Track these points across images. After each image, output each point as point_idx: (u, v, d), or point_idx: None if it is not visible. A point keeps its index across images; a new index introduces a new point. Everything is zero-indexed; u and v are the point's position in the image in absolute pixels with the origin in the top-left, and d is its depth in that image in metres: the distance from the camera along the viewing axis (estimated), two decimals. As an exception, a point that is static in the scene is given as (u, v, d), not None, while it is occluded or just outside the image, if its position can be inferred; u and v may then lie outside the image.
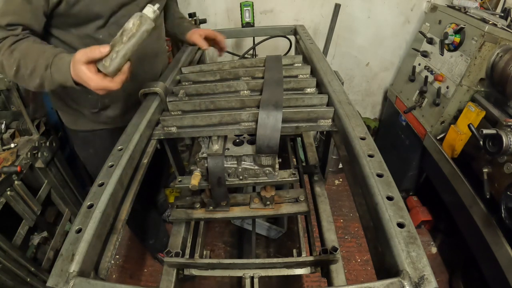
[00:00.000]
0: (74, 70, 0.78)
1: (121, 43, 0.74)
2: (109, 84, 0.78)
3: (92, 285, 0.49)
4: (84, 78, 0.76)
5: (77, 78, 0.79)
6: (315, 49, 1.26)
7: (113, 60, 0.75)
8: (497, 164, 1.26)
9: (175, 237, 1.06)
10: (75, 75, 0.78)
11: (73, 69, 0.78)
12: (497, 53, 1.49)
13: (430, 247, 2.09)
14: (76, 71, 0.77)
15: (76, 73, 0.78)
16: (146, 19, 0.75)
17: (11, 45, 0.85)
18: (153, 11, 0.76)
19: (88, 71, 0.76)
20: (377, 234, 0.56)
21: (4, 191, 1.32)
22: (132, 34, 0.74)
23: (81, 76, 0.77)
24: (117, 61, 0.75)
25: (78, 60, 0.76)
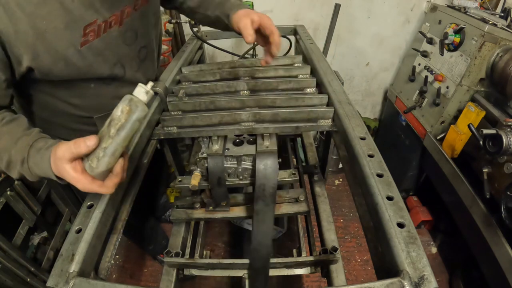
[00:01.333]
0: (56, 167, 0.63)
1: (109, 137, 0.57)
2: (100, 189, 0.61)
3: (92, 285, 0.49)
4: (69, 179, 0.61)
5: (60, 175, 0.64)
6: (315, 49, 1.26)
7: (100, 159, 0.58)
8: (497, 164, 1.26)
9: (175, 237, 1.06)
10: (57, 172, 0.63)
11: (55, 166, 0.63)
12: (497, 53, 1.49)
13: (430, 247, 2.09)
14: (58, 169, 0.62)
15: (59, 171, 0.62)
16: (137, 104, 0.58)
17: None
18: (146, 92, 0.59)
19: (73, 170, 0.59)
20: (377, 234, 0.56)
21: (4, 191, 1.32)
22: (121, 125, 0.57)
23: (65, 176, 0.61)
24: (106, 160, 0.58)
25: (61, 157, 0.60)
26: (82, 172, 0.60)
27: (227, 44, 2.24)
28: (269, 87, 1.05)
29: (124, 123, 0.57)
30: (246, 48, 1.92)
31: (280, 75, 1.13)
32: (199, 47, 1.63)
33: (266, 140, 0.89)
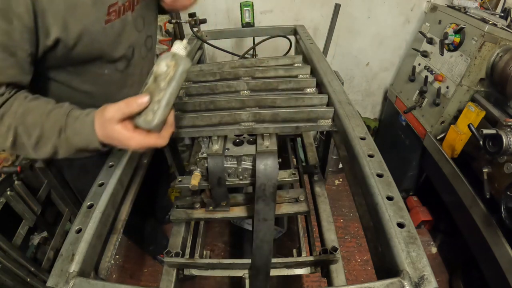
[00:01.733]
0: (104, 130, 0.64)
1: (160, 90, 0.61)
2: (157, 141, 0.64)
3: (92, 285, 0.49)
4: (121, 139, 0.62)
5: (108, 139, 0.65)
6: (315, 49, 1.26)
7: (156, 112, 0.60)
8: (497, 164, 1.26)
9: (175, 237, 1.06)
10: (105, 136, 0.64)
11: (102, 130, 0.64)
12: (497, 53, 1.49)
13: (430, 247, 2.09)
14: (107, 132, 0.63)
15: (108, 134, 0.63)
16: (181, 58, 0.63)
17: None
18: (184, 47, 0.65)
19: (126, 130, 0.61)
20: (377, 234, 0.56)
21: (4, 191, 1.32)
22: (171, 78, 0.61)
23: (115, 137, 0.63)
24: (161, 112, 0.61)
25: (111, 118, 0.61)
26: (134, 129, 0.62)
27: (227, 44, 2.24)
28: (269, 87, 1.05)
29: (173, 76, 0.61)
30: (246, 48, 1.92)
31: (280, 75, 1.13)
32: (199, 47, 1.63)
33: (266, 140, 0.89)
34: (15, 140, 0.70)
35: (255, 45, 1.64)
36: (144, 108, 0.61)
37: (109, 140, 0.65)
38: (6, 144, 0.70)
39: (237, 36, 2.02)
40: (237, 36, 2.02)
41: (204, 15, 2.00)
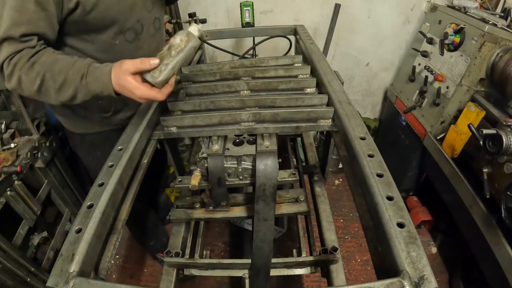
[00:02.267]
0: (118, 79, 0.77)
1: (170, 56, 0.76)
2: (157, 95, 0.78)
3: (92, 285, 0.49)
4: (129, 87, 0.76)
5: (119, 87, 0.79)
6: (315, 49, 1.26)
7: (162, 71, 0.76)
8: (497, 164, 1.26)
9: (175, 237, 1.06)
10: (118, 84, 0.78)
11: (117, 78, 0.77)
12: (497, 53, 1.49)
13: (430, 247, 2.09)
14: (121, 80, 0.77)
15: (120, 82, 0.77)
16: (193, 37, 0.79)
17: (29, 58, 0.81)
18: (198, 30, 0.81)
19: (135, 81, 0.76)
20: (377, 234, 0.56)
21: (4, 191, 1.32)
22: (181, 49, 0.77)
23: (125, 85, 0.77)
24: (166, 73, 0.76)
25: (126, 69, 0.76)
26: (141, 82, 0.77)
27: (227, 44, 2.24)
28: (269, 87, 1.05)
29: (183, 48, 0.77)
30: (246, 48, 1.93)
31: (280, 75, 1.13)
32: (199, 47, 1.63)
33: (266, 140, 0.89)
34: (41, 85, 0.81)
35: (255, 45, 1.64)
36: (154, 68, 0.75)
37: (120, 88, 0.79)
38: (33, 88, 0.82)
39: (237, 36, 2.02)
40: (237, 36, 2.02)
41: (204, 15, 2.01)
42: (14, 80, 0.82)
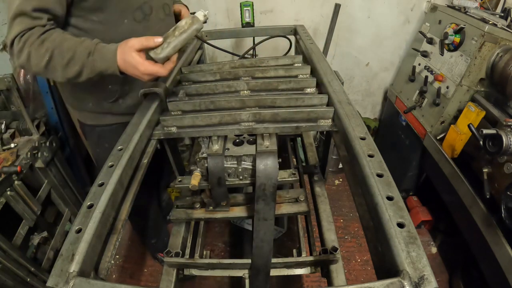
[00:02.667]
0: (123, 55, 0.84)
1: (173, 36, 0.84)
2: (160, 70, 0.85)
3: (92, 285, 0.49)
4: (134, 63, 0.83)
5: (124, 64, 0.85)
6: (315, 49, 1.26)
7: (164, 49, 0.84)
8: (497, 164, 1.26)
9: (175, 237, 1.06)
10: (123, 60, 0.85)
11: (122, 55, 0.84)
12: (497, 53, 1.49)
13: (430, 247, 2.09)
14: (125, 57, 0.84)
15: (125, 59, 0.84)
16: (198, 20, 0.86)
17: (39, 35, 0.86)
18: (204, 15, 0.87)
19: (139, 57, 0.83)
20: (377, 234, 0.56)
21: (4, 191, 1.32)
22: (184, 30, 0.85)
23: (130, 61, 0.84)
24: (168, 50, 0.84)
25: (131, 46, 0.83)
26: (145, 59, 0.84)
27: (227, 44, 2.24)
28: (269, 87, 1.05)
29: (186, 29, 0.85)
30: (246, 48, 1.93)
31: (280, 75, 1.13)
32: (199, 47, 1.63)
33: (266, 140, 0.89)
34: (49, 61, 0.86)
35: (255, 45, 1.64)
36: (158, 46, 0.83)
37: (125, 64, 0.85)
38: (42, 63, 0.86)
39: (237, 36, 2.02)
40: (237, 36, 2.02)
41: (204, 15, 2.00)
42: (24, 55, 0.86)
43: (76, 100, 1.24)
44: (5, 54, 1.83)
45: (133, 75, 0.88)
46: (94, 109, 1.23)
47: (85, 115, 1.29)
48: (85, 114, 1.28)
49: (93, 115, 1.27)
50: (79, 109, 1.28)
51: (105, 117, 1.26)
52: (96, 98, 1.19)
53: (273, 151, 0.84)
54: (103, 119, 1.27)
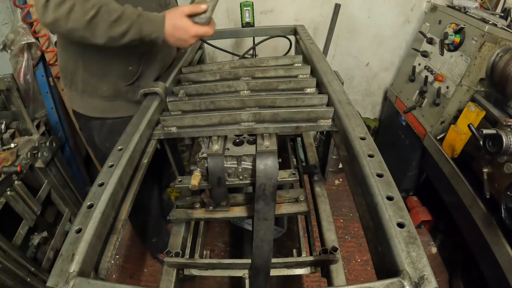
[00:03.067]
0: (173, 21, 0.94)
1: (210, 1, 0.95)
2: (209, 30, 0.98)
3: (92, 285, 0.49)
4: (186, 27, 0.95)
5: (173, 28, 0.94)
6: (315, 49, 1.26)
7: (207, 13, 0.96)
8: (497, 164, 1.26)
9: (175, 237, 1.06)
10: (172, 25, 0.94)
11: (172, 20, 0.93)
12: (497, 53, 1.49)
13: (430, 247, 2.09)
14: (175, 22, 0.94)
15: (175, 23, 0.94)
16: None
17: None
18: None
19: (189, 21, 0.95)
20: (377, 234, 0.56)
21: (4, 191, 1.32)
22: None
23: (181, 25, 0.94)
24: (209, 12, 0.97)
25: (182, 11, 0.94)
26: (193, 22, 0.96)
27: (227, 44, 2.24)
28: (269, 87, 1.05)
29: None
30: (246, 48, 1.92)
31: (280, 75, 1.13)
32: (199, 47, 1.63)
33: (266, 140, 0.89)
34: (94, 16, 0.87)
35: (255, 45, 1.64)
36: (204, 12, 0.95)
37: (174, 29, 0.94)
38: (85, 18, 0.86)
39: (237, 36, 2.01)
40: (237, 36, 2.01)
41: (204, 15, 2.00)
42: (65, 8, 0.85)
43: (89, 86, 1.17)
44: (5, 54, 1.84)
45: (180, 39, 0.97)
46: (108, 95, 1.19)
47: (96, 105, 1.22)
48: (95, 104, 1.22)
49: (105, 105, 1.22)
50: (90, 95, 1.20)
51: (117, 107, 1.22)
52: (113, 79, 1.17)
53: (273, 151, 0.84)
54: (115, 110, 1.23)
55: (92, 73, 1.15)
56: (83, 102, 1.24)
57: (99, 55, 1.10)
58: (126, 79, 1.18)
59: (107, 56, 1.10)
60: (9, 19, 1.89)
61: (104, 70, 1.14)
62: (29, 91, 1.88)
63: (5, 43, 1.80)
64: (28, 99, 1.88)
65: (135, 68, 1.17)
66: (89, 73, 1.15)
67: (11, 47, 1.79)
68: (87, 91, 1.20)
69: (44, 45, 1.81)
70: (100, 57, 1.11)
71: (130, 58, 1.13)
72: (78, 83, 1.19)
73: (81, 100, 1.24)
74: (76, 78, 1.18)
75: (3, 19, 1.88)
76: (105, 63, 1.12)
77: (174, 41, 0.97)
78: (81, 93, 1.21)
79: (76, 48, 1.11)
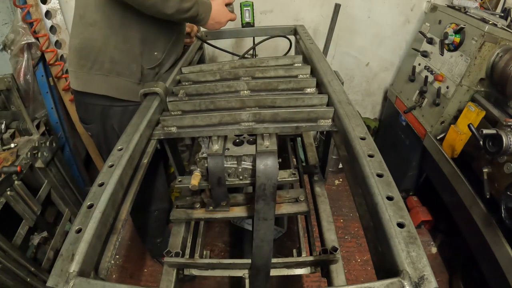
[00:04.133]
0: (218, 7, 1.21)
1: None
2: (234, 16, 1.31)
3: (92, 285, 0.49)
4: (225, 12, 1.25)
5: (217, 13, 1.21)
6: (315, 49, 1.26)
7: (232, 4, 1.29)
8: (497, 164, 1.26)
9: (175, 237, 1.06)
10: (217, 11, 1.20)
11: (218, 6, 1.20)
12: (497, 53, 1.49)
13: (430, 247, 2.09)
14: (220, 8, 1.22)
15: (219, 9, 1.21)
16: None
17: None
18: None
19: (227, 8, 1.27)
20: (377, 234, 0.56)
21: (4, 191, 1.32)
22: None
23: (223, 11, 1.24)
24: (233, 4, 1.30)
25: (223, 1, 1.23)
26: None
27: (227, 44, 2.24)
28: (269, 87, 1.05)
29: None
30: (246, 48, 1.92)
31: (280, 75, 1.13)
32: (199, 47, 1.63)
33: (266, 140, 0.89)
34: None
35: (255, 45, 1.64)
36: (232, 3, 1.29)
37: (218, 13, 1.21)
38: None
39: (237, 36, 2.01)
40: (237, 36, 2.01)
41: (204, 15, 1.99)
42: None
43: (119, 63, 1.16)
44: (5, 54, 1.84)
45: (219, 21, 1.23)
46: (135, 76, 1.20)
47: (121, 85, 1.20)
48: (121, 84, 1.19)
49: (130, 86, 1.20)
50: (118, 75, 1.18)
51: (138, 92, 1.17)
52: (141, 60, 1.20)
53: (273, 151, 0.84)
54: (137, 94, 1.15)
55: (123, 53, 1.15)
56: (107, 83, 1.19)
57: (134, 35, 1.15)
58: (151, 62, 1.22)
59: (141, 38, 1.16)
60: (9, 19, 1.89)
61: (135, 51, 1.17)
62: (29, 91, 1.88)
63: (5, 43, 1.80)
64: (28, 99, 1.88)
65: (160, 54, 1.23)
66: (120, 52, 1.15)
67: (11, 47, 1.79)
68: (115, 70, 1.17)
69: (44, 45, 1.82)
70: (133, 38, 1.15)
71: (157, 43, 1.22)
72: (105, 62, 1.15)
73: (104, 81, 1.19)
74: (103, 56, 1.15)
75: (3, 19, 1.88)
76: (138, 44, 1.17)
77: (213, 23, 1.21)
78: (107, 72, 1.17)
79: (111, 24, 1.11)
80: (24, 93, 1.83)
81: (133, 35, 1.14)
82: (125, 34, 1.13)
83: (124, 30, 1.12)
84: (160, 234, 1.87)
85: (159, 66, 1.25)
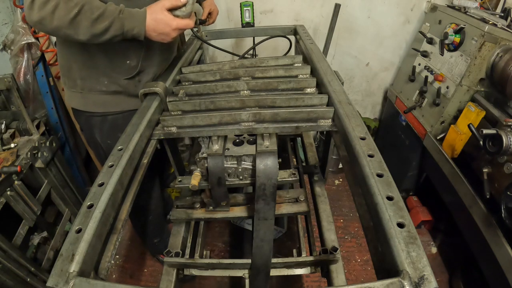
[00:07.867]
0: (154, 15, 0.94)
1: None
2: (190, 22, 1.00)
3: (92, 285, 0.49)
4: (167, 20, 0.95)
5: (154, 23, 0.95)
6: (315, 49, 1.26)
7: (187, 6, 0.98)
8: (497, 164, 1.26)
9: (175, 237, 1.06)
10: (153, 19, 0.95)
11: (153, 15, 0.94)
12: (497, 53, 1.49)
13: (430, 247, 2.09)
14: (157, 16, 0.94)
15: (156, 18, 0.94)
16: None
17: None
18: None
19: (169, 14, 0.96)
20: (377, 234, 0.56)
21: (4, 191, 1.32)
22: None
23: (162, 19, 0.95)
24: (190, 7, 0.99)
25: (162, 6, 0.95)
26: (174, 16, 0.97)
27: (227, 44, 2.24)
28: (269, 87, 1.05)
29: None
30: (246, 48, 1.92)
31: (280, 75, 1.13)
32: (199, 47, 1.63)
33: (266, 140, 0.89)
34: (78, 14, 0.88)
35: (255, 45, 1.63)
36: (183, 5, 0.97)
37: (155, 23, 0.95)
38: (68, 16, 0.88)
39: (237, 36, 2.01)
40: (237, 36, 2.01)
41: (204, 15, 2.00)
42: (50, 7, 0.86)
43: (88, 80, 1.17)
44: (5, 54, 1.84)
45: (162, 32, 0.97)
46: (107, 89, 1.19)
47: (96, 100, 1.22)
48: (95, 99, 1.21)
49: (106, 98, 1.21)
50: (90, 91, 1.20)
51: (118, 100, 1.22)
52: (113, 74, 1.17)
53: (273, 151, 0.84)
54: (116, 103, 1.22)
55: (90, 69, 1.15)
56: (83, 99, 1.23)
57: (96, 50, 1.10)
58: (126, 73, 1.18)
59: (105, 51, 1.11)
60: (9, 19, 1.89)
61: (102, 65, 1.14)
62: (29, 91, 1.88)
63: (5, 43, 1.80)
64: (28, 99, 1.88)
65: (134, 62, 1.16)
66: (87, 69, 1.15)
67: (11, 47, 1.79)
68: (86, 87, 1.19)
69: (44, 45, 1.82)
70: (97, 52, 1.11)
71: (128, 53, 1.14)
72: (77, 80, 1.19)
73: (81, 97, 1.23)
74: (74, 75, 1.18)
75: (3, 19, 1.88)
76: (102, 58, 1.12)
77: (156, 35, 0.98)
78: (81, 89, 1.20)
79: (72, 45, 1.11)
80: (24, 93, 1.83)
81: (94, 51, 1.11)
82: (88, 51, 1.11)
83: (86, 47, 1.10)
84: (158, 234, 1.88)
85: (139, 74, 1.20)
